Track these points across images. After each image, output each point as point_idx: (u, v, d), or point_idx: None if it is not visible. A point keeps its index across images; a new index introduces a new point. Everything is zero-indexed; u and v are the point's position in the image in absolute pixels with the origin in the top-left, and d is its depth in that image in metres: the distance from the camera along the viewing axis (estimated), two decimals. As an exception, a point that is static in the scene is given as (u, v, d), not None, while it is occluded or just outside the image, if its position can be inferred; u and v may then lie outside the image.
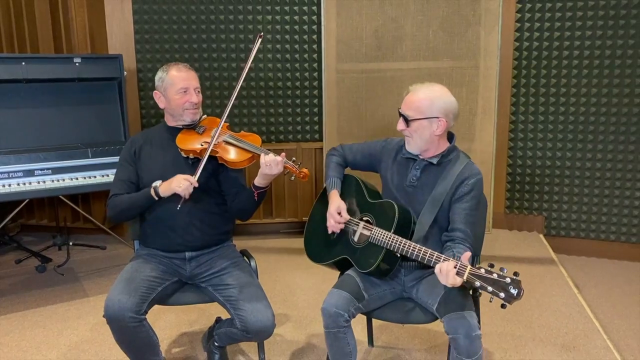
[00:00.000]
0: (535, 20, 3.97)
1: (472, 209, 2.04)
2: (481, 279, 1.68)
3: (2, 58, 3.34)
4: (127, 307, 1.99)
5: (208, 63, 4.18)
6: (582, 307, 3.09)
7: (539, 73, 4.04)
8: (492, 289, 1.66)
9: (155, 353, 2.14)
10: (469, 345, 1.85)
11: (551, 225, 4.22)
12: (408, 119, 2.06)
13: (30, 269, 3.72)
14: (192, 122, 2.30)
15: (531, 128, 4.16)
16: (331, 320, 1.99)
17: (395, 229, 2.00)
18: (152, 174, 2.23)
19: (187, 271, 2.28)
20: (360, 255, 2.09)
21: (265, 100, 4.27)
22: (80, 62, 3.47)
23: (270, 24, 4.14)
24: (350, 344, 2.06)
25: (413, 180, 2.12)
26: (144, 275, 2.14)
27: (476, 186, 2.05)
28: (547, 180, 4.17)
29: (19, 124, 3.31)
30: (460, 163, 2.09)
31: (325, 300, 2.02)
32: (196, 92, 2.27)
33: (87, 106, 3.54)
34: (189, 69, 2.30)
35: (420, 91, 2.07)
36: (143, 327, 2.05)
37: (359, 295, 2.05)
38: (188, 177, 2.11)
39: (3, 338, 2.83)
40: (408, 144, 2.11)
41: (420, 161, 2.12)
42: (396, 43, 3.65)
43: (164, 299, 2.22)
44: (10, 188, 2.95)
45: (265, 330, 2.12)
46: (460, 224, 2.01)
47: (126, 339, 2.06)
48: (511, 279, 1.66)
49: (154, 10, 4.06)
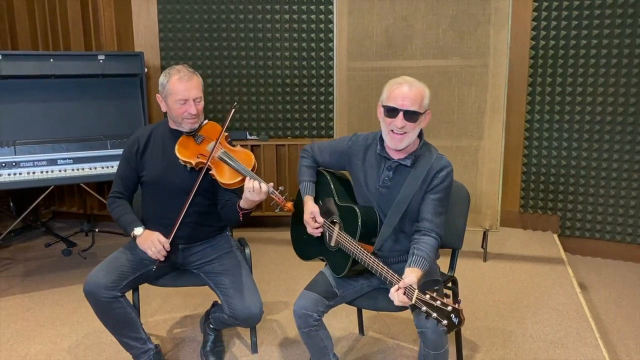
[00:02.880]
0: (552, 19, 3.95)
1: (442, 200, 2.05)
2: (427, 304, 1.69)
3: (32, 55, 3.61)
4: (102, 283, 2.15)
5: (228, 61, 4.35)
6: (580, 306, 3.08)
7: (555, 72, 4.02)
8: (435, 315, 1.66)
9: (135, 331, 2.28)
10: (436, 339, 1.90)
11: (566, 225, 4.18)
12: (417, 114, 1.99)
13: (57, 253, 3.98)
14: (191, 131, 2.31)
15: (547, 127, 4.14)
16: (302, 321, 2.08)
17: (359, 237, 2.02)
18: (153, 173, 2.34)
19: (180, 258, 2.41)
20: (334, 258, 2.15)
21: (281, 97, 4.41)
22: (104, 59, 3.70)
23: (287, 23, 4.27)
24: (324, 338, 2.15)
25: (386, 181, 2.10)
26: (129, 257, 2.29)
27: (447, 178, 2.05)
28: (562, 179, 4.14)
29: (46, 117, 3.56)
30: (430, 157, 2.07)
31: (295, 303, 2.10)
32: (196, 103, 2.26)
33: (110, 101, 3.75)
34: (191, 76, 2.26)
35: (414, 84, 2.01)
36: (119, 303, 2.19)
37: (329, 295, 2.12)
38: (163, 242, 2.20)
39: (24, 314, 3.07)
40: (401, 140, 2.01)
41: (393, 162, 2.09)
42: (406, 41, 3.71)
43: (152, 280, 2.38)
44: (35, 175, 3.19)
45: (252, 317, 2.23)
46: (428, 214, 2.03)
47: (102, 314, 2.21)
48: (452, 307, 1.65)
49: (177, 10, 4.26)
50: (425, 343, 1.94)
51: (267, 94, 4.41)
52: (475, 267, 3.67)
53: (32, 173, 3.19)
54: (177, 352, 2.66)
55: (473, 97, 3.69)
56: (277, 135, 4.47)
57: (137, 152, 2.36)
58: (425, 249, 1.96)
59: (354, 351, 2.67)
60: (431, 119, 2.10)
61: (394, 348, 2.69)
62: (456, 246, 2.35)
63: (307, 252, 2.33)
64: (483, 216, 3.82)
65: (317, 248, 2.26)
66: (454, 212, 2.34)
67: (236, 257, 2.42)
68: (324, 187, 2.28)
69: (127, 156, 2.38)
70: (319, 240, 2.24)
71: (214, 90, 4.42)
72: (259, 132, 4.44)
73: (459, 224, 2.34)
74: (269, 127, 4.47)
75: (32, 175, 3.18)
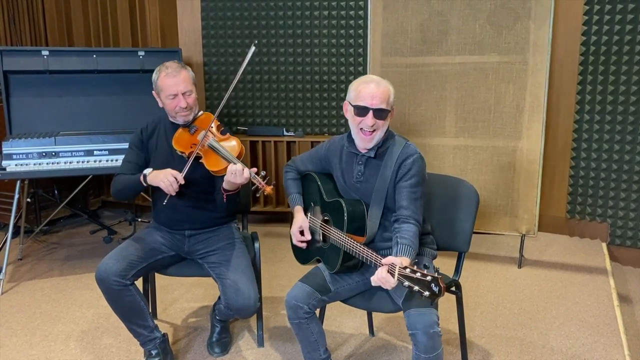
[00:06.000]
0: (606, 13, 3.69)
1: (414, 185, 2.05)
2: (408, 278, 1.72)
3: (77, 51, 3.80)
4: (112, 271, 2.23)
5: (267, 57, 4.40)
6: (614, 320, 2.86)
7: (607, 70, 3.76)
8: (417, 288, 1.69)
9: (142, 319, 2.35)
10: (426, 342, 1.86)
11: (616, 233, 3.91)
12: (385, 112, 2.06)
13: (100, 240, 4.18)
14: (185, 123, 2.41)
15: (597, 128, 3.88)
16: (292, 311, 2.10)
17: (348, 228, 2.06)
18: (156, 162, 2.43)
19: (186, 247, 2.48)
20: (327, 255, 2.18)
21: (317, 94, 4.40)
22: (144, 55, 3.84)
23: (325, 20, 4.26)
24: (315, 333, 2.15)
25: (359, 175, 2.15)
26: (139, 246, 2.38)
27: (414, 165, 2.06)
28: (612, 185, 3.87)
29: (88, 110, 3.75)
30: (397, 148, 2.09)
31: (287, 293, 2.12)
32: (186, 96, 2.34)
33: (149, 95, 3.85)
34: (179, 71, 2.35)
35: (381, 83, 2.08)
36: (128, 291, 2.27)
37: (323, 289, 2.13)
38: (175, 174, 2.23)
39: (56, 295, 3.24)
40: (371, 140, 2.08)
41: (362, 156, 2.13)
42: (441, 37, 3.59)
43: (160, 269, 2.46)
44: (72, 165, 3.35)
45: (246, 308, 2.25)
46: (404, 201, 2.04)
47: (112, 301, 2.29)
48: (432, 277, 1.66)
49: (219, 7, 4.36)
50: (417, 346, 1.89)
51: (303, 91, 4.42)
52: (508, 273, 3.50)
53: (69, 163, 3.35)
54: (189, 341, 2.72)
55: (511, 95, 3.52)
56: (313, 132, 4.47)
57: (143, 142, 2.49)
58: (407, 237, 1.96)
59: (361, 351, 2.62)
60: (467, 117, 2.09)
61: (401, 350, 2.62)
62: (462, 249, 2.26)
63: (305, 255, 2.35)
64: (520, 220, 3.64)
65: (313, 249, 2.29)
66: (459, 213, 2.25)
67: (239, 248, 2.45)
68: (312, 188, 2.33)
69: (134, 143, 2.51)
70: (314, 241, 2.28)
71: (253, 87, 4.48)
72: (295, 128, 4.45)
73: (465, 226, 2.24)
74: (305, 123, 4.48)
75: (69, 165, 3.35)
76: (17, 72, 3.59)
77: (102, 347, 2.66)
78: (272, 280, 3.43)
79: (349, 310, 2.84)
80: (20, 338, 2.75)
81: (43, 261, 3.77)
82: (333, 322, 2.88)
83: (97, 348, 2.66)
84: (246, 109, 4.52)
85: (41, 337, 2.76)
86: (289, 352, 2.61)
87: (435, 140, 3.70)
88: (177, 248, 2.47)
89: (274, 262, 3.74)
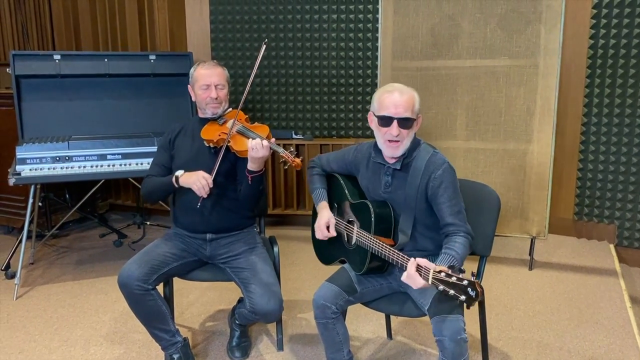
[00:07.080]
0: (613, 17, 3.74)
1: (451, 198, 2.04)
2: (442, 282, 1.72)
3: (88, 55, 3.81)
4: (135, 276, 2.25)
5: (276, 61, 4.41)
6: (627, 321, 2.90)
7: (614, 73, 3.80)
8: (453, 292, 1.68)
9: (164, 323, 2.37)
10: (453, 348, 1.87)
11: (624, 235, 3.95)
12: (410, 120, 2.05)
13: (109, 243, 4.18)
14: (214, 115, 2.49)
15: (605, 131, 3.92)
16: (319, 311, 2.11)
17: (375, 230, 2.06)
18: (181, 160, 2.48)
19: (207, 251, 2.49)
20: (353, 257, 2.19)
21: (327, 97, 4.42)
22: (155, 59, 3.84)
23: (334, 23, 4.28)
24: (340, 334, 2.16)
25: (387, 186, 2.14)
26: (161, 251, 2.39)
27: (445, 176, 2.04)
28: (620, 186, 3.91)
29: (100, 114, 3.75)
30: (422, 159, 2.07)
31: (315, 292, 2.13)
32: (217, 89, 2.46)
33: (161, 99, 3.90)
34: (214, 66, 2.50)
35: (404, 91, 2.06)
36: (150, 296, 2.28)
37: (350, 289, 2.14)
38: (207, 177, 2.29)
39: (71, 300, 3.24)
40: (396, 148, 2.06)
41: (388, 167, 2.13)
42: (452, 41, 3.61)
43: (182, 274, 2.47)
44: (85, 169, 3.35)
45: (272, 313, 2.27)
46: (447, 217, 2.02)
47: (134, 305, 2.31)
48: (469, 281, 1.66)
49: (228, 11, 4.37)
50: (444, 352, 1.90)
51: (312, 94, 4.44)
52: (519, 275, 3.53)
53: (83, 167, 3.35)
54: (207, 345, 2.73)
55: (522, 98, 3.55)
56: (322, 135, 4.49)
57: (170, 141, 2.55)
58: (454, 247, 1.96)
59: (380, 355, 2.64)
60: (478, 121, 2.09)
61: (420, 354, 2.64)
62: (484, 253, 2.27)
63: (328, 255, 2.37)
64: (530, 223, 3.67)
65: (337, 249, 2.29)
66: (481, 217, 2.26)
67: (261, 253, 2.47)
68: (337, 189, 2.34)
69: (162, 144, 2.58)
70: (338, 242, 2.27)
71: (262, 90, 4.49)
72: (304, 131, 4.47)
73: (487, 231, 2.25)
74: (314, 126, 4.49)
75: (82, 169, 3.35)
76: (29, 77, 3.59)
77: (122, 352, 2.67)
78: (285, 284, 3.43)
79: (365, 313, 2.87)
80: (39, 343, 2.76)
81: (55, 265, 3.77)
82: (350, 326, 2.85)
83: (117, 353, 2.66)
84: (255, 112, 4.53)
85: (60, 342, 2.76)
86: (308, 356, 2.62)
87: (446, 143, 3.72)
88: (199, 253, 2.49)
89: (285, 265, 3.75)
